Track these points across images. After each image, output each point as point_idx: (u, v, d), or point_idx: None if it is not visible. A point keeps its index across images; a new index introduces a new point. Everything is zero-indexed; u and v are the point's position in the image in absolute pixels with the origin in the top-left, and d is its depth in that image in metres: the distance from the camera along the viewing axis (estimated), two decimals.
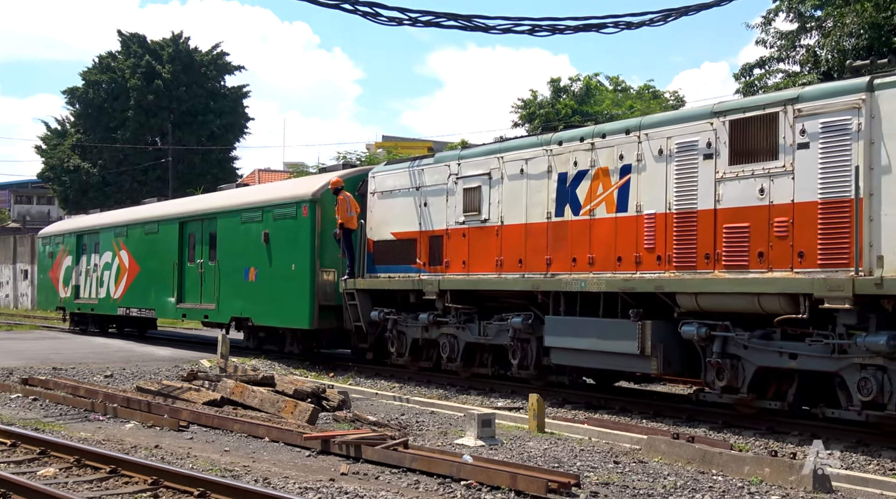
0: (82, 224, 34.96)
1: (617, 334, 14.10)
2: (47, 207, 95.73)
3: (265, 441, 11.90)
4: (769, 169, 12.36)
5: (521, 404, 15.40)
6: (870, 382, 11.23)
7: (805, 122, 12.01)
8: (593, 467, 10.45)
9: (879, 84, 11.35)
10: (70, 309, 34.05)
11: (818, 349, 11.80)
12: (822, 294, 11.50)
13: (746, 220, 12.61)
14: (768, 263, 12.33)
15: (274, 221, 22.40)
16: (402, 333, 19.03)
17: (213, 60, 64.37)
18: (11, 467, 10.06)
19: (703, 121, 13.32)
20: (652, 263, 13.88)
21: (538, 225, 15.83)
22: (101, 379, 18.66)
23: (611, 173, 14.66)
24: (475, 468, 9.54)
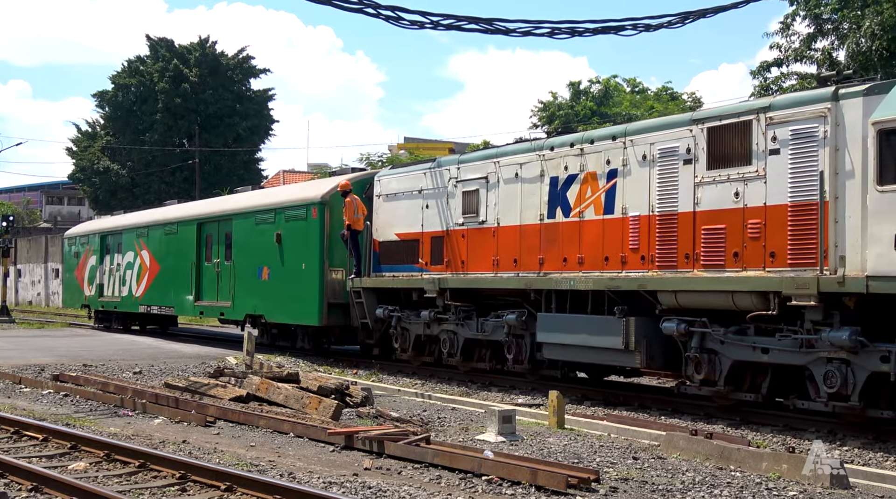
0: (106, 225, 35.63)
1: (603, 330, 14.64)
2: (78, 208, 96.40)
3: (290, 437, 11.92)
4: (743, 174, 12.85)
5: (541, 400, 15.37)
6: (834, 374, 11.67)
7: (776, 130, 12.46)
8: (612, 462, 10.41)
9: (844, 94, 11.80)
10: (94, 307, 34.69)
11: (787, 344, 12.25)
12: (790, 292, 11.99)
13: (723, 222, 13.10)
14: (743, 263, 12.81)
15: (286, 223, 23.01)
16: (406, 330, 19.55)
17: (239, 64, 64.61)
18: (43, 461, 10.12)
19: (684, 128, 13.81)
20: (636, 262, 14.41)
21: (532, 226, 16.37)
22: (130, 375, 18.76)
23: (598, 177, 15.20)
24: (496, 464, 9.52)
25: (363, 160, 48.05)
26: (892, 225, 10.92)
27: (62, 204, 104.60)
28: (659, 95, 47.36)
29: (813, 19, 29.63)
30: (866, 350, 11.42)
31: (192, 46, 64.05)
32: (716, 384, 13.28)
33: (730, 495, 8.81)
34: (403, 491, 8.69)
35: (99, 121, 66.94)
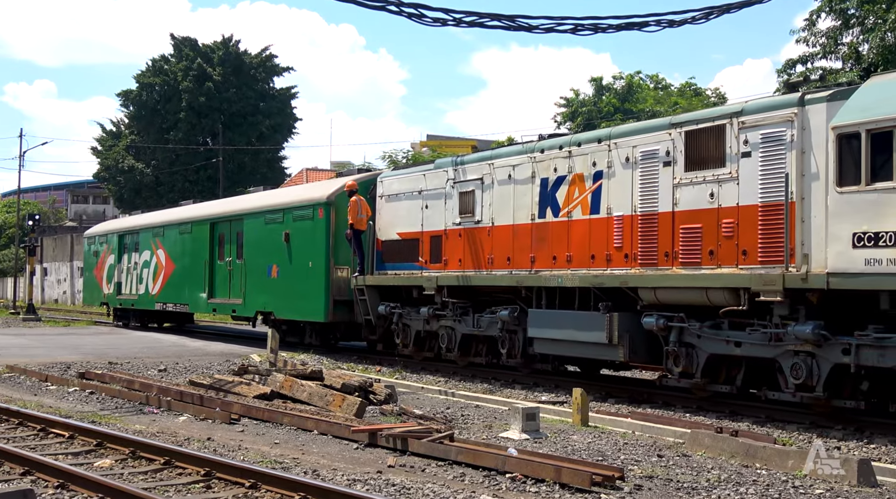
0: (124, 225, 36.69)
1: (589, 326, 15.27)
2: (103, 207, 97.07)
3: (314, 434, 11.94)
4: (718, 175, 13.47)
5: (564, 398, 15.34)
6: (800, 366, 12.28)
7: (748, 134, 13.08)
8: (637, 460, 10.37)
9: (809, 99, 12.39)
10: (113, 304, 35.58)
11: (758, 338, 12.86)
12: (758, 288, 12.65)
13: (699, 221, 13.72)
14: (717, 261, 13.44)
15: (293, 222, 23.66)
16: (407, 326, 20.18)
17: (262, 63, 64.84)
18: (69, 458, 10.18)
19: (663, 131, 14.45)
20: (620, 260, 15.04)
21: (524, 226, 17.02)
22: (155, 373, 18.85)
23: (585, 179, 15.83)
24: (520, 461, 9.50)
25: (385, 158, 48.24)
26: (850, 225, 11.49)
27: (87, 203, 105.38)
28: (682, 91, 47.11)
29: (838, 14, 29.42)
30: (829, 343, 11.96)
31: (216, 45, 64.32)
32: (693, 377, 13.92)
33: (755, 494, 8.75)
34: (427, 489, 8.68)
35: (123, 120, 67.35)
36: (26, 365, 19.35)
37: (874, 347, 11.47)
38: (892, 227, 11.11)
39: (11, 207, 77.24)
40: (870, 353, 11.53)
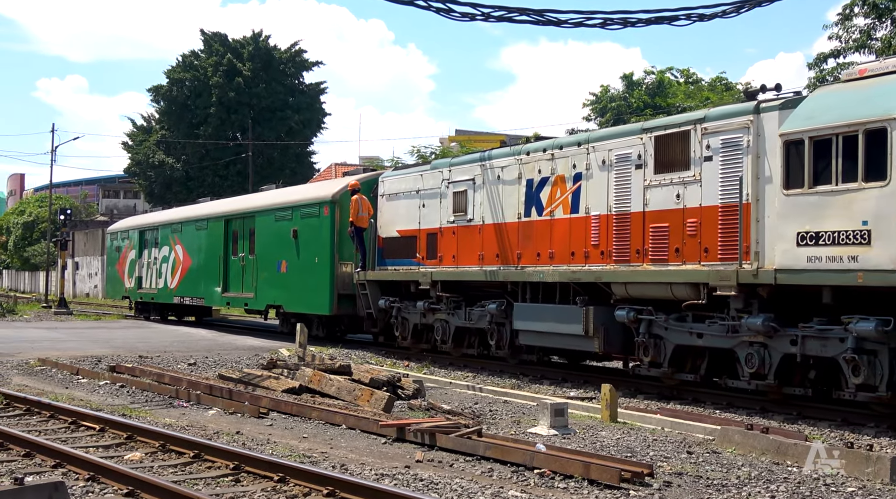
0: (144, 221, 37.83)
1: (567, 318, 16.32)
2: (133, 201, 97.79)
3: (342, 428, 11.97)
4: (683, 178, 14.42)
5: (593, 393, 15.29)
6: (753, 356, 13.27)
7: (710, 139, 14.03)
8: (666, 456, 10.31)
9: (764, 107, 13.29)
10: (134, 298, 36.96)
11: (717, 329, 13.86)
12: (716, 283, 13.62)
13: (667, 221, 14.69)
14: (683, 258, 14.41)
15: (301, 220, 24.89)
16: (406, 319, 21.13)
17: (291, 58, 65.03)
18: (100, 451, 10.26)
19: (636, 136, 15.41)
20: (597, 257, 16.02)
21: (511, 224, 18.04)
22: (185, 367, 18.97)
23: (566, 180, 16.77)
24: (548, 457, 9.48)
25: (414, 153, 48.09)
26: (795, 225, 12.43)
27: (118, 197, 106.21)
28: (713, 86, 46.77)
29: (872, 8, 29.10)
30: (779, 335, 12.93)
31: (246, 41, 64.57)
32: (661, 366, 14.91)
33: (786, 491, 8.68)
34: (455, 484, 8.68)
35: (154, 115, 67.75)
36: (58, 358, 19.53)
37: (817, 339, 12.43)
38: (830, 227, 12.02)
39: (43, 202, 77.96)
40: (814, 343, 12.50)
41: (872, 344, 11.86)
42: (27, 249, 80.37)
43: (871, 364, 11.85)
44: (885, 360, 11.77)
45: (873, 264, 11.53)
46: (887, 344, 11.72)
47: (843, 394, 12.34)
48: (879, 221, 11.49)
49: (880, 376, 11.80)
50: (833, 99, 12.55)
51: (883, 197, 11.47)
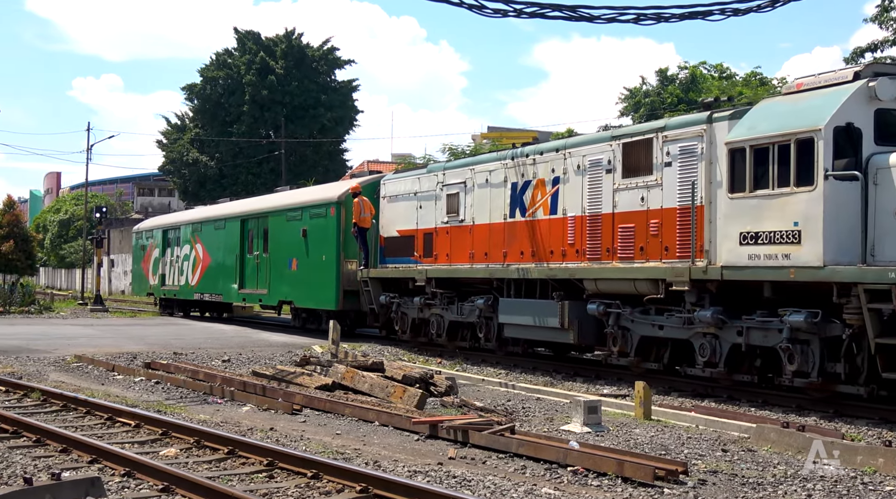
0: (167, 221, 39.60)
1: (545, 312, 17.63)
2: (168, 199, 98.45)
3: (375, 425, 12.00)
4: (647, 182, 15.65)
5: (627, 391, 15.23)
6: (706, 346, 14.58)
7: (669, 146, 15.26)
8: (701, 454, 10.25)
9: (716, 117, 14.58)
10: (157, 295, 38.56)
11: (675, 322, 15.18)
12: (672, 279, 14.91)
13: (633, 221, 15.93)
14: (646, 256, 15.64)
15: (310, 220, 26.35)
16: (405, 314, 22.48)
17: (324, 55, 65.17)
18: (136, 446, 10.35)
19: (606, 143, 16.67)
20: (573, 255, 17.29)
21: (498, 225, 19.31)
22: (219, 364, 19.09)
23: (546, 183, 18.07)
24: (582, 454, 9.45)
25: (445, 150, 48.08)
26: (738, 225, 13.67)
27: (153, 195, 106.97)
28: (748, 81, 46.36)
29: None
30: (727, 326, 14.22)
31: (279, 39, 64.78)
32: (629, 355, 16.19)
33: (823, 490, 8.60)
34: (488, 481, 8.67)
35: (188, 113, 68.09)
36: (94, 355, 19.73)
37: (760, 330, 13.74)
38: (768, 227, 13.27)
39: (79, 200, 78.67)
40: (757, 334, 13.82)
41: (805, 334, 13.09)
42: (63, 246, 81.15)
43: (803, 353, 13.12)
44: (816, 349, 13.03)
45: (803, 261, 12.77)
46: (818, 334, 12.95)
47: (782, 380, 13.52)
48: (808, 223, 12.71)
49: (812, 363, 13.08)
50: (772, 110, 13.79)
51: (811, 201, 12.67)
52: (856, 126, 12.72)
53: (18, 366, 18.38)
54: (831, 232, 12.52)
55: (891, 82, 12.79)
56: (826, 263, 12.50)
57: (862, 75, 13.02)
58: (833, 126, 12.61)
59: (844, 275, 12.30)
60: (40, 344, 22.52)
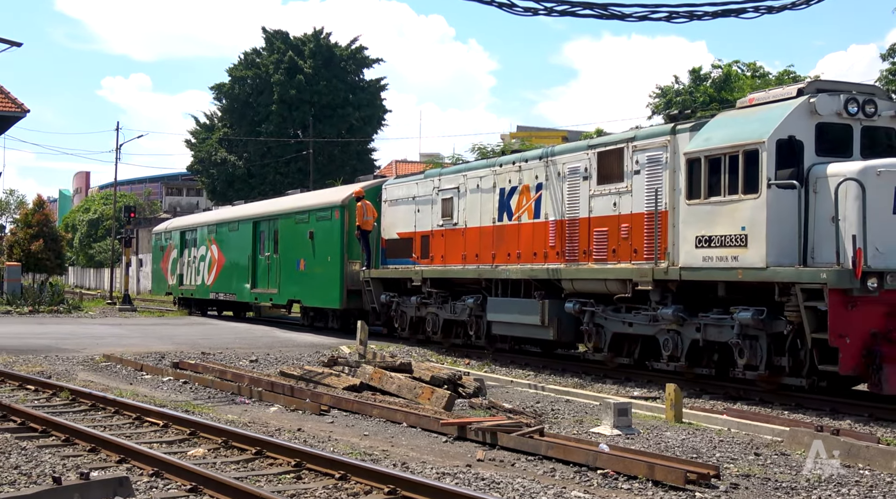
0: (185, 223, 41.01)
1: (528, 310, 18.92)
2: (196, 199, 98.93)
3: (403, 426, 12.01)
4: (619, 188, 16.96)
5: (657, 393, 15.16)
6: (669, 341, 15.82)
7: (638, 155, 16.53)
8: (733, 458, 10.19)
9: (679, 129, 15.89)
10: (176, 294, 40.41)
11: (642, 319, 16.46)
12: (637, 279, 16.18)
13: (606, 225, 17.25)
14: (618, 257, 16.93)
15: (317, 222, 27.74)
16: (404, 313, 23.80)
17: (352, 54, 65.27)
18: (164, 446, 10.41)
19: (583, 152, 18.04)
20: (553, 256, 18.58)
21: (487, 228, 20.65)
22: (247, 364, 19.18)
23: (531, 189, 19.38)
24: (612, 457, 9.42)
25: (475, 150, 48.02)
26: (694, 229, 15.00)
27: (181, 195, 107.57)
28: (781, 80, 46.02)
29: None
30: (687, 323, 15.46)
31: (307, 38, 64.93)
32: (602, 351, 17.43)
33: (858, 495, 8.52)
34: (517, 483, 8.66)
35: (216, 113, 68.33)
36: (122, 354, 19.87)
37: (715, 326, 14.99)
38: (719, 232, 14.57)
39: (108, 200, 79.27)
40: (712, 330, 15.07)
41: (754, 330, 14.29)
42: (92, 246, 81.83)
43: (752, 348, 14.36)
44: (763, 344, 14.27)
45: (749, 263, 14.02)
46: (765, 330, 14.15)
47: (735, 373, 14.82)
48: (754, 227, 13.97)
49: (760, 357, 14.32)
50: (726, 123, 15.16)
51: (756, 207, 13.96)
52: (797, 139, 13.95)
53: (48, 365, 18.55)
54: (774, 236, 13.77)
55: (830, 98, 14.10)
56: (769, 265, 13.75)
57: (805, 92, 14.26)
58: (776, 139, 13.86)
59: (784, 275, 13.58)
60: (69, 343, 22.72)
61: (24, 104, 28.90)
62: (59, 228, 63.75)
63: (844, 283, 12.84)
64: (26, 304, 37.61)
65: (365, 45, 66.69)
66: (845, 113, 14.15)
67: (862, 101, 14.27)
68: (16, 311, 36.04)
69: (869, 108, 14.29)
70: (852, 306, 12.94)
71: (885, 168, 13.32)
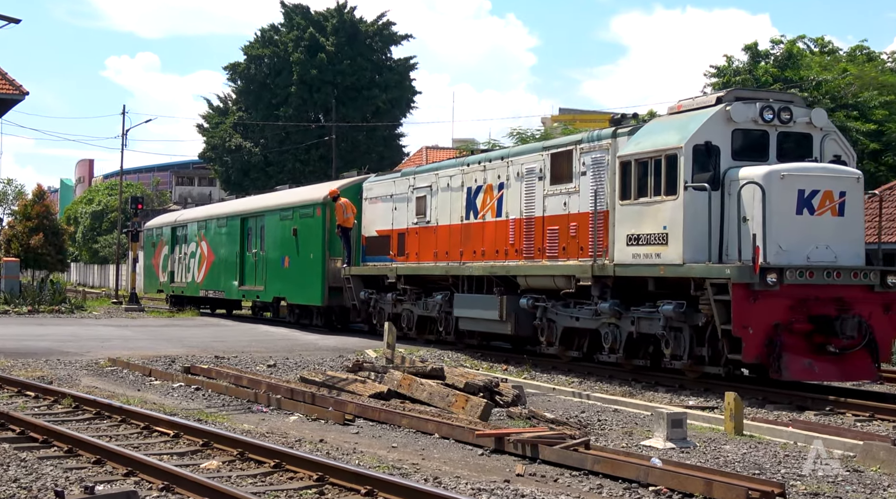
0: (175, 219, 43.48)
1: (488, 306, 21.26)
2: (208, 189, 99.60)
3: (435, 437, 12.02)
4: (568, 189, 19.20)
5: (715, 402, 15.10)
6: (609, 335, 18.02)
7: (585, 157, 18.81)
8: (800, 475, 10.11)
9: (619, 133, 18.19)
10: (167, 291, 42.86)
11: (586, 313, 18.68)
12: (580, 275, 18.44)
13: (557, 224, 19.47)
14: (567, 255, 19.13)
15: (300, 219, 29.95)
16: (382, 309, 25.98)
17: (378, 31, 65.30)
18: (174, 458, 10.48)
19: (538, 153, 20.39)
20: (513, 254, 20.82)
21: (456, 226, 23.00)
22: (264, 369, 19.27)
23: (494, 189, 21.65)
24: (665, 473, 9.38)
25: (513, 135, 47.90)
26: (626, 228, 17.35)
27: (192, 185, 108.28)
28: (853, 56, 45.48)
29: None
30: (624, 317, 17.64)
31: (329, 13, 65.04)
32: (555, 345, 19.58)
33: None
34: None
35: (230, 95, 68.46)
36: (129, 358, 20.03)
37: (646, 319, 17.20)
38: (646, 230, 16.91)
39: (113, 190, 79.90)
40: (644, 323, 17.27)
41: (677, 322, 16.47)
42: (96, 240, 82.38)
43: (676, 339, 16.61)
44: (687, 335, 16.43)
45: (669, 260, 16.41)
46: (687, 322, 16.33)
47: (664, 364, 17.10)
48: (673, 227, 16.35)
49: (683, 348, 16.51)
50: (655, 129, 17.38)
51: (675, 208, 16.31)
52: (714, 144, 16.28)
53: (48, 370, 18.73)
54: (690, 234, 16.09)
55: (744, 106, 16.41)
56: (685, 262, 16.11)
57: (724, 100, 16.67)
58: (693, 144, 16.20)
59: (697, 271, 15.91)
60: (71, 346, 22.94)
61: (22, 86, 29.16)
62: (60, 221, 64.31)
63: (745, 278, 15.14)
64: (25, 303, 37.97)
65: (392, 21, 66.80)
66: (761, 120, 16.48)
67: (778, 108, 16.56)
68: (14, 311, 36.37)
69: (784, 115, 16.59)
70: (755, 300, 15.23)
71: (788, 172, 15.75)
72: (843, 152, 17.12)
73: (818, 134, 17.02)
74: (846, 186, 16.08)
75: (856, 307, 15.62)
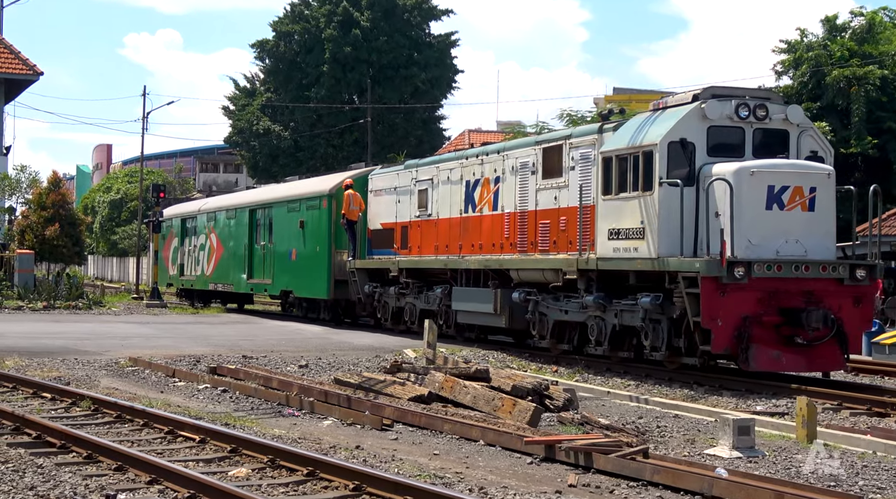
0: (185, 210, 45.05)
1: (483, 299, 22.95)
2: (235, 176, 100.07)
3: (479, 444, 12.03)
4: (558, 183, 20.80)
5: (785, 408, 15.01)
6: (594, 327, 19.56)
7: (574, 152, 20.39)
8: (880, 487, 10.04)
9: (605, 129, 19.74)
10: (177, 285, 44.75)
11: (573, 306, 20.24)
12: (566, 269, 20.01)
13: (549, 218, 21.07)
14: (557, 249, 20.72)
15: (307, 211, 31.52)
16: (386, 303, 27.75)
17: (417, 5, 65.21)
18: (200, 465, 10.55)
19: (531, 148, 22.07)
20: (507, 247, 22.43)
21: (455, 219, 24.76)
22: (295, 369, 19.37)
23: (490, 182, 23.43)
24: (731, 484, 9.34)
25: (563, 117, 47.65)
26: (607, 223, 18.90)
27: (217, 171, 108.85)
28: None
29: None
30: (608, 309, 19.15)
31: None
32: (546, 338, 21.17)
33: None
34: None
35: (258, 75, 68.69)
36: (151, 358, 20.19)
37: (628, 312, 18.68)
38: (625, 225, 18.46)
39: (133, 177, 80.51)
40: (626, 315, 18.75)
41: (655, 315, 17.99)
42: (115, 231, 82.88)
43: (655, 331, 18.09)
44: (664, 327, 17.92)
45: (645, 254, 17.96)
46: (665, 315, 17.81)
47: (645, 355, 18.57)
48: (649, 221, 17.87)
49: (662, 339, 17.98)
50: (636, 125, 18.80)
51: (650, 203, 17.84)
52: (689, 141, 17.80)
53: (66, 370, 18.93)
54: (664, 229, 17.60)
55: (719, 103, 17.86)
56: (660, 255, 17.60)
57: (700, 97, 18.05)
58: (668, 141, 17.71)
59: (670, 265, 17.42)
60: (90, 345, 23.17)
61: (36, 66, 29.55)
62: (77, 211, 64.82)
63: (714, 271, 16.61)
64: (40, 298, 38.35)
65: None
66: (736, 117, 17.94)
67: (753, 105, 17.99)
68: (28, 306, 36.79)
69: (760, 111, 18.02)
70: (724, 293, 16.72)
71: (757, 168, 17.22)
72: (819, 148, 18.56)
73: (795, 130, 18.40)
74: (817, 182, 17.47)
75: (826, 300, 17.05)
